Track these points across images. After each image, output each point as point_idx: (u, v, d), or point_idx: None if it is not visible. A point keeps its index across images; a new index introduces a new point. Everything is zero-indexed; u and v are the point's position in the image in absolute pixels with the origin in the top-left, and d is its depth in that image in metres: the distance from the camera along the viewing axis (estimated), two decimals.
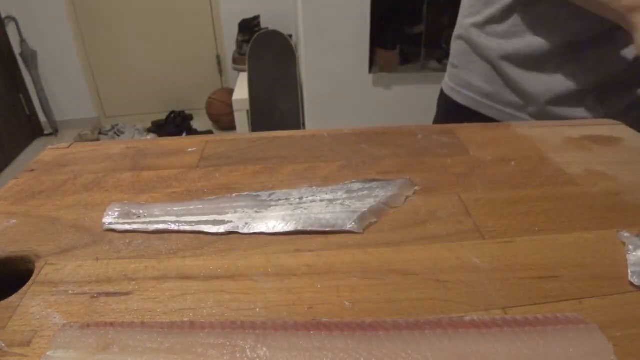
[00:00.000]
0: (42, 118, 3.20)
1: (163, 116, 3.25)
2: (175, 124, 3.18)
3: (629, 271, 0.27)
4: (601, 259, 0.28)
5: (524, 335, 0.22)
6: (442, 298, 0.26)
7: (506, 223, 0.32)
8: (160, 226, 0.33)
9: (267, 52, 2.15)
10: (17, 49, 2.98)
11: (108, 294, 0.27)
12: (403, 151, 0.43)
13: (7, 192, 0.38)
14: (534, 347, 0.21)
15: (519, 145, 0.43)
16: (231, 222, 0.33)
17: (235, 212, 0.34)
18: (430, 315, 0.25)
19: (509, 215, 0.33)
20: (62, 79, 3.12)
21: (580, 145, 0.43)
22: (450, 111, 0.69)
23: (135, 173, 0.41)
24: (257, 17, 2.80)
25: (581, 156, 0.40)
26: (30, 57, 2.99)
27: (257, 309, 0.25)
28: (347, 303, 0.26)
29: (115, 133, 3.10)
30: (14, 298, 0.27)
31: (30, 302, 0.26)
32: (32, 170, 0.42)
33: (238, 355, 0.22)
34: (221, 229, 0.32)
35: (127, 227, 0.33)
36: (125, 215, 0.34)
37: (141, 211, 0.34)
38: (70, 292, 0.27)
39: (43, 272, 0.29)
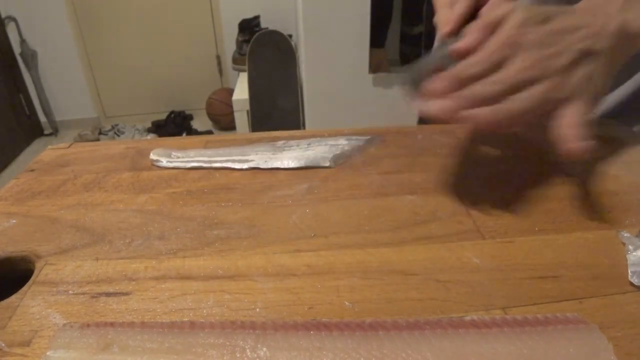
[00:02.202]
0: (42, 118, 3.20)
1: (163, 116, 3.25)
2: (175, 124, 3.18)
3: (629, 271, 0.27)
4: (601, 259, 0.28)
5: (524, 335, 0.22)
6: (442, 298, 0.26)
7: (506, 223, 0.32)
8: (195, 164, 0.41)
9: (267, 52, 2.15)
10: (17, 49, 2.98)
11: (108, 294, 0.27)
12: (403, 151, 0.43)
13: (7, 192, 0.39)
14: (534, 347, 0.21)
15: (519, 145, 0.43)
16: (253, 160, 0.41)
17: (257, 154, 0.42)
18: (430, 315, 0.25)
19: (509, 215, 0.33)
20: (62, 79, 3.12)
21: None
22: None
23: (135, 173, 0.41)
24: (257, 17, 2.80)
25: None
26: (30, 57, 2.99)
27: (257, 309, 0.25)
28: (347, 303, 0.26)
29: (115, 133, 3.11)
30: (14, 298, 0.27)
31: (30, 302, 0.26)
32: (32, 170, 0.42)
33: (238, 355, 0.22)
34: (244, 165, 0.39)
35: (170, 164, 0.41)
36: (167, 155, 0.42)
37: (179, 154, 0.42)
38: (70, 292, 0.27)
39: (43, 272, 0.29)
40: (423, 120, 0.73)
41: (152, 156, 0.42)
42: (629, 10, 0.38)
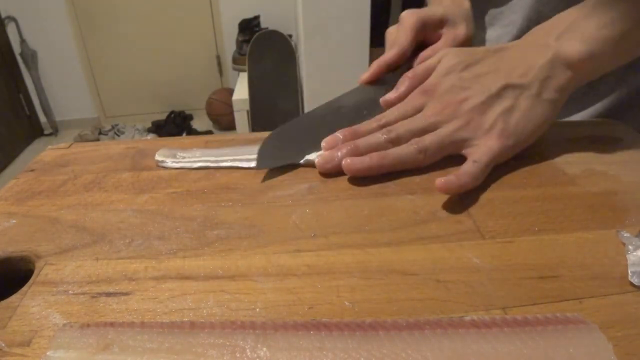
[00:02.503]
0: (42, 118, 3.20)
1: (163, 116, 3.25)
2: (175, 124, 3.18)
3: (629, 271, 0.27)
4: (601, 259, 0.28)
5: (524, 335, 0.22)
6: (442, 298, 0.26)
7: (506, 223, 0.32)
8: (202, 164, 0.41)
9: (267, 52, 2.16)
10: (17, 49, 2.98)
11: (108, 294, 0.27)
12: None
13: (7, 192, 0.39)
14: (534, 347, 0.21)
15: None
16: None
17: None
18: (430, 315, 0.25)
19: (509, 215, 0.33)
20: (62, 79, 3.12)
21: (580, 145, 0.43)
22: None
23: (135, 173, 0.41)
24: (257, 17, 2.80)
25: (581, 156, 0.40)
26: (30, 57, 3.00)
27: (257, 309, 0.25)
28: (347, 303, 0.26)
29: (115, 133, 3.11)
30: (14, 298, 0.27)
31: (30, 302, 0.26)
32: (32, 170, 0.42)
33: (238, 355, 0.22)
34: (252, 164, 0.40)
35: (175, 164, 0.41)
36: (172, 156, 0.42)
37: (185, 154, 0.42)
38: (70, 292, 0.27)
39: (43, 272, 0.29)
40: None
41: (157, 157, 0.42)
42: (566, 39, 0.38)
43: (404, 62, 0.48)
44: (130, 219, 0.34)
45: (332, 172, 0.38)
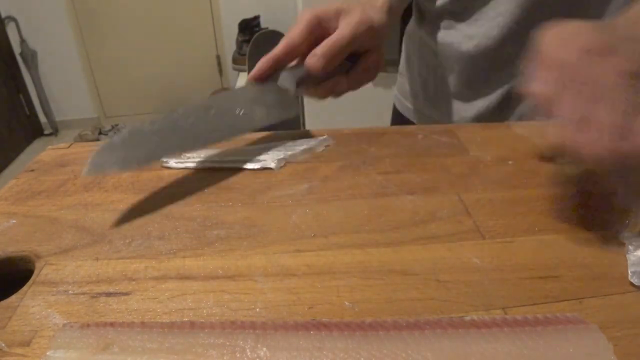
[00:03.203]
0: (42, 118, 3.20)
1: None
2: None
3: (629, 271, 0.27)
4: (601, 259, 0.28)
5: (524, 335, 0.22)
6: (442, 298, 0.26)
7: (506, 223, 0.32)
8: (208, 164, 0.41)
9: (267, 52, 2.15)
10: (17, 49, 2.98)
11: (108, 294, 0.27)
12: (403, 151, 0.43)
13: (7, 192, 0.39)
14: (534, 347, 0.21)
15: (519, 145, 0.43)
16: (265, 160, 0.41)
17: (267, 154, 0.42)
18: (430, 315, 0.25)
19: (509, 215, 0.33)
20: (62, 79, 3.12)
21: None
22: None
23: (135, 173, 0.41)
24: (257, 17, 2.80)
25: None
26: (30, 57, 2.99)
27: (257, 309, 0.25)
28: (347, 303, 0.26)
29: (115, 133, 3.10)
30: (14, 298, 0.27)
31: (30, 302, 0.26)
32: (32, 170, 0.42)
33: (238, 355, 0.22)
34: (257, 165, 0.40)
35: (179, 165, 0.41)
36: (177, 156, 0.41)
37: (189, 154, 0.42)
38: (70, 292, 0.27)
39: (43, 272, 0.29)
40: (398, 120, 0.72)
41: (163, 158, 0.42)
42: None
43: (298, 57, 0.45)
44: (130, 219, 0.34)
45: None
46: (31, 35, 2.95)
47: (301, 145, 0.44)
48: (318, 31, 0.45)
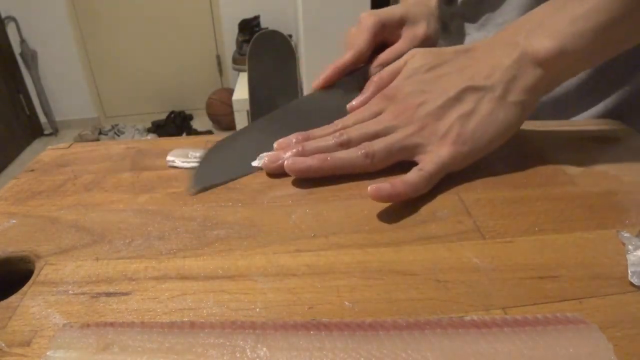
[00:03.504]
0: (42, 118, 3.20)
1: (163, 116, 3.25)
2: (175, 124, 3.18)
3: (629, 271, 0.27)
4: (601, 259, 0.28)
5: (524, 335, 0.22)
6: (442, 298, 0.26)
7: (506, 223, 0.32)
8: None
9: (267, 52, 2.15)
10: (17, 49, 2.98)
11: (108, 294, 0.27)
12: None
13: (7, 192, 0.39)
14: (534, 347, 0.21)
15: (519, 144, 0.43)
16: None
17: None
18: (430, 315, 0.25)
19: (509, 215, 0.33)
20: (62, 79, 3.12)
21: (580, 145, 0.43)
22: None
23: (135, 173, 0.41)
24: (257, 17, 2.80)
25: (581, 156, 0.40)
26: (30, 57, 2.99)
27: (257, 309, 0.25)
28: (347, 303, 0.26)
29: (115, 133, 3.11)
30: (14, 298, 0.27)
31: (30, 302, 0.26)
32: (32, 170, 0.42)
33: (238, 355, 0.22)
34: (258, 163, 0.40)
35: (185, 164, 0.41)
36: (184, 155, 0.42)
37: (197, 153, 0.42)
38: (70, 292, 0.27)
39: (43, 272, 0.29)
40: None
41: (169, 157, 0.42)
42: (535, 36, 0.36)
43: (363, 64, 0.47)
44: (130, 219, 0.34)
45: (277, 173, 0.38)
46: (31, 35, 2.95)
47: None
48: (380, 37, 0.47)
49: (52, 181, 0.40)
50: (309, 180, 0.38)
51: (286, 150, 0.38)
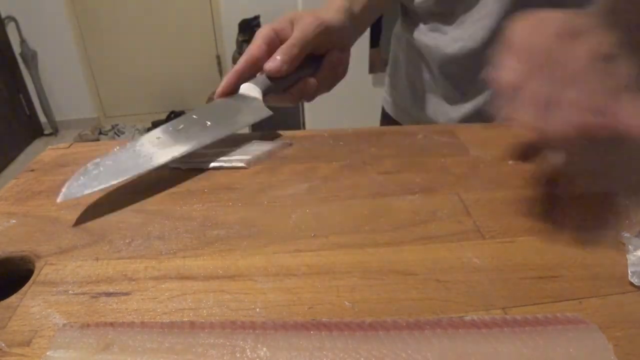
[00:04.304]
0: (42, 118, 3.20)
1: (163, 116, 3.24)
2: None
3: (629, 271, 0.27)
4: (601, 259, 0.28)
5: (524, 335, 0.22)
6: (442, 298, 0.26)
7: (506, 223, 0.32)
8: (215, 164, 0.41)
9: None
10: (17, 49, 2.98)
11: (108, 294, 0.27)
12: (403, 151, 0.43)
13: (7, 192, 0.39)
14: (534, 347, 0.21)
15: (519, 145, 0.43)
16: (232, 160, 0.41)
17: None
18: (430, 315, 0.25)
19: (509, 215, 0.33)
20: (62, 79, 3.12)
21: (580, 145, 0.43)
22: None
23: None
24: (257, 17, 2.80)
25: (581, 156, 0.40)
26: (30, 57, 2.99)
27: (257, 309, 0.25)
28: (347, 303, 0.26)
29: (115, 133, 3.11)
30: (14, 298, 0.27)
31: (30, 302, 0.26)
32: (32, 170, 0.42)
33: (238, 355, 0.22)
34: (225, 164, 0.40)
35: (188, 165, 0.41)
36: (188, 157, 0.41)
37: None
38: (70, 292, 0.27)
39: (43, 272, 0.29)
40: (385, 122, 0.72)
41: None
42: None
43: (259, 70, 0.47)
44: (130, 219, 0.34)
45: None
46: (31, 35, 2.95)
47: (265, 147, 0.44)
48: (276, 43, 0.47)
49: (52, 181, 0.40)
50: (309, 180, 0.38)
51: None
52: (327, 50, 0.49)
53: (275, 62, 0.45)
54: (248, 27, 2.71)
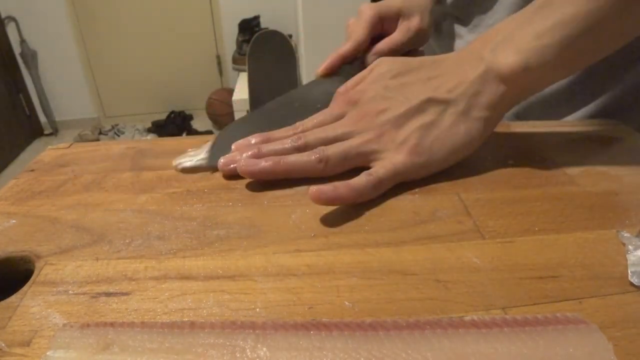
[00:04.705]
0: (42, 118, 3.20)
1: (163, 116, 3.25)
2: (175, 124, 3.18)
3: (629, 271, 0.27)
4: (601, 259, 0.28)
5: (524, 335, 0.22)
6: (442, 298, 0.26)
7: (506, 223, 0.32)
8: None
9: (267, 52, 2.15)
10: (17, 49, 2.98)
11: (108, 294, 0.27)
12: None
13: (7, 192, 0.39)
14: (534, 347, 0.21)
15: (519, 145, 0.43)
16: None
17: None
18: (430, 315, 0.25)
19: (509, 215, 0.33)
20: (62, 79, 3.12)
21: (580, 145, 0.43)
22: None
23: (135, 173, 0.41)
24: (257, 17, 2.81)
25: (581, 156, 0.40)
26: (30, 57, 3.00)
27: (257, 309, 0.25)
28: (347, 303, 0.26)
29: (115, 133, 3.11)
30: (14, 298, 0.27)
31: (30, 302, 0.26)
32: (32, 170, 0.42)
33: (238, 355, 0.22)
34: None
35: (195, 160, 0.41)
36: (187, 155, 0.42)
37: (197, 150, 0.42)
38: (70, 292, 0.27)
39: (43, 272, 0.29)
40: None
41: (175, 163, 0.41)
42: (500, 50, 0.35)
43: (361, 54, 0.50)
44: (130, 219, 0.34)
45: (231, 174, 0.38)
46: (31, 35, 2.95)
47: None
48: (378, 28, 0.49)
49: (52, 181, 0.40)
50: (308, 180, 0.38)
51: (243, 152, 0.38)
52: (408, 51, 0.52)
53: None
54: (248, 27, 2.71)
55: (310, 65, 1.92)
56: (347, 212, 0.34)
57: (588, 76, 0.51)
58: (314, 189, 0.32)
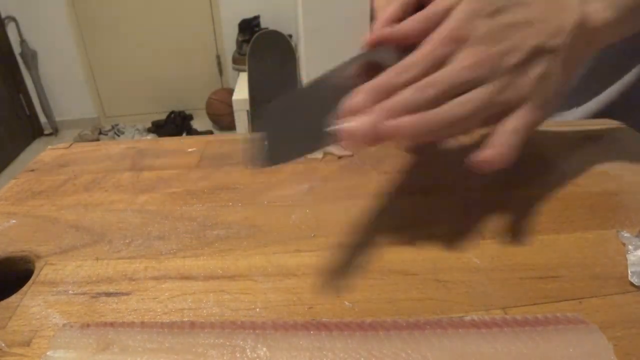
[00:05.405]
0: (42, 118, 3.20)
1: (163, 116, 3.25)
2: (175, 124, 3.18)
3: (629, 271, 0.27)
4: (601, 259, 0.28)
5: (524, 335, 0.22)
6: (442, 298, 0.26)
7: (506, 223, 0.32)
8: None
9: (267, 52, 2.15)
10: (17, 49, 2.98)
11: (108, 294, 0.27)
12: (403, 151, 0.43)
13: (7, 192, 0.39)
14: (534, 347, 0.21)
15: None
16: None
17: None
18: (430, 315, 0.25)
19: (509, 215, 0.33)
20: (62, 79, 3.12)
21: (580, 145, 0.43)
22: None
23: (135, 173, 0.41)
24: (257, 17, 2.80)
25: (581, 156, 0.40)
26: (30, 57, 2.99)
27: (257, 309, 0.25)
28: (347, 303, 0.26)
29: (115, 133, 3.11)
30: (14, 298, 0.27)
31: (30, 302, 0.26)
32: (32, 170, 0.42)
33: (238, 355, 0.22)
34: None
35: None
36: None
37: None
38: (70, 292, 0.27)
39: (43, 272, 0.29)
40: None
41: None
42: (590, 3, 0.33)
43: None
44: (130, 219, 0.34)
45: (365, 144, 0.28)
46: (31, 35, 2.95)
47: None
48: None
49: (52, 181, 0.40)
50: (309, 180, 0.38)
51: (366, 113, 0.28)
52: None
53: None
54: (248, 27, 2.71)
55: (311, 65, 1.92)
56: (346, 212, 0.34)
57: (588, 76, 0.51)
58: (483, 154, 0.29)
